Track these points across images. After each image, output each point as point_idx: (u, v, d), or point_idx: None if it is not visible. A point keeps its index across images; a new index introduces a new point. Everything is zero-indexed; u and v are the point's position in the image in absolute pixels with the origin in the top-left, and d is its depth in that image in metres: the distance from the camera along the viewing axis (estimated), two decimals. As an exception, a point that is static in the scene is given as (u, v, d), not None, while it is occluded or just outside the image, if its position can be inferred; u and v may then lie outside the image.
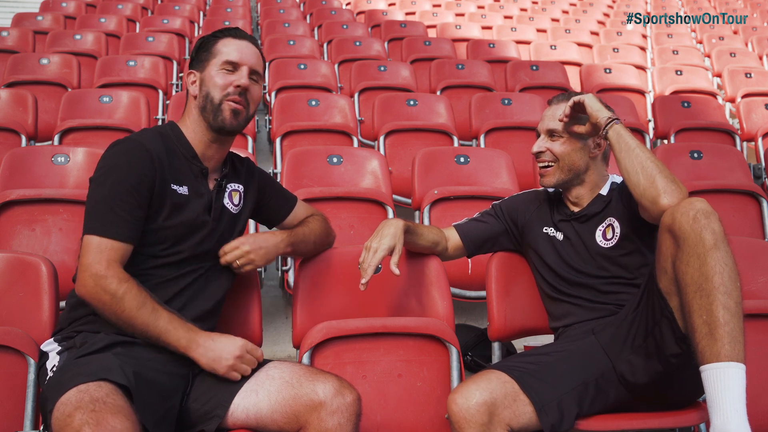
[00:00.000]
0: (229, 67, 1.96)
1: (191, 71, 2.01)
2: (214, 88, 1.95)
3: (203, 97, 1.97)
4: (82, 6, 8.21)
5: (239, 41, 2.00)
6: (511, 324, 2.35)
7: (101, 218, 1.80)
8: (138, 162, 1.85)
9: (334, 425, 1.72)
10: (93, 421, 1.46)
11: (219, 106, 1.95)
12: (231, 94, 1.95)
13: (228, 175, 2.06)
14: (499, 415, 1.84)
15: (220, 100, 1.95)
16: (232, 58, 1.96)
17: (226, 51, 1.98)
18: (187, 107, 2.03)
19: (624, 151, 2.03)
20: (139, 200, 1.83)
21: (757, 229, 3.43)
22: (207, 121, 1.96)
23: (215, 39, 2.01)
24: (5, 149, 3.49)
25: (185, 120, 2.02)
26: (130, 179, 1.82)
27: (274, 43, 6.60)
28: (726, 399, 1.64)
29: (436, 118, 4.72)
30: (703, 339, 1.69)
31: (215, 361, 1.79)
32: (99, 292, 1.76)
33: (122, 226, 1.80)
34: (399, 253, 2.10)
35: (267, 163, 4.79)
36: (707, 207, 1.79)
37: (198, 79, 1.99)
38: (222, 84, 1.95)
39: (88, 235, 1.81)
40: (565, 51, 7.26)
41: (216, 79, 1.95)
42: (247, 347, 1.82)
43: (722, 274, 1.71)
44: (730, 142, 4.70)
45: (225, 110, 1.95)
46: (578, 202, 2.28)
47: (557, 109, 2.25)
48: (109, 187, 1.82)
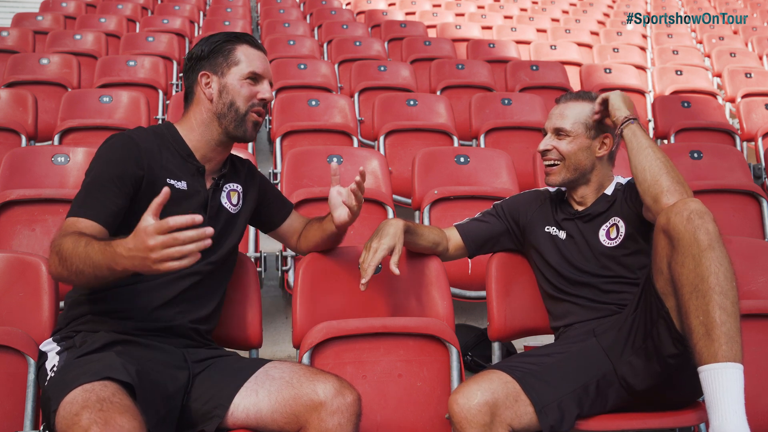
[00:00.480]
0: (253, 79, 1.97)
1: (205, 73, 1.98)
2: (239, 98, 1.96)
3: (225, 105, 1.96)
4: (82, 6, 8.21)
5: (258, 52, 2.01)
6: (511, 324, 2.35)
7: (78, 202, 1.80)
8: (125, 155, 1.85)
9: (334, 425, 1.72)
10: (101, 420, 1.46)
11: (244, 116, 1.97)
12: (256, 105, 1.98)
13: (227, 175, 2.05)
14: (500, 416, 1.85)
15: (246, 111, 1.97)
16: (257, 70, 1.98)
17: (249, 61, 1.97)
18: (192, 109, 2.01)
19: (636, 149, 2.05)
20: (121, 190, 1.80)
21: (757, 229, 3.43)
22: (224, 127, 1.97)
23: (232, 44, 1.99)
24: (5, 149, 3.49)
25: (189, 120, 2.00)
26: (114, 170, 1.82)
27: (274, 43, 6.60)
28: (724, 400, 1.64)
29: (436, 118, 4.72)
30: (700, 340, 1.69)
31: (135, 266, 1.48)
32: (50, 258, 1.67)
33: (94, 208, 1.77)
34: (399, 253, 2.10)
35: (267, 163, 4.79)
36: (701, 207, 1.79)
37: (218, 85, 1.97)
38: (247, 95, 1.96)
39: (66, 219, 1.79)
40: (565, 51, 7.26)
41: (242, 90, 1.96)
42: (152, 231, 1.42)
43: (717, 275, 1.71)
44: (730, 142, 4.70)
45: (248, 122, 1.98)
46: (583, 201, 2.28)
47: (565, 107, 2.26)
48: (92, 176, 1.83)
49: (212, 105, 1.97)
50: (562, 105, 2.28)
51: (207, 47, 2.01)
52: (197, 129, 1.99)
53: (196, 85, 2.00)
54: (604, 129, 2.24)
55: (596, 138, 2.24)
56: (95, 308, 1.85)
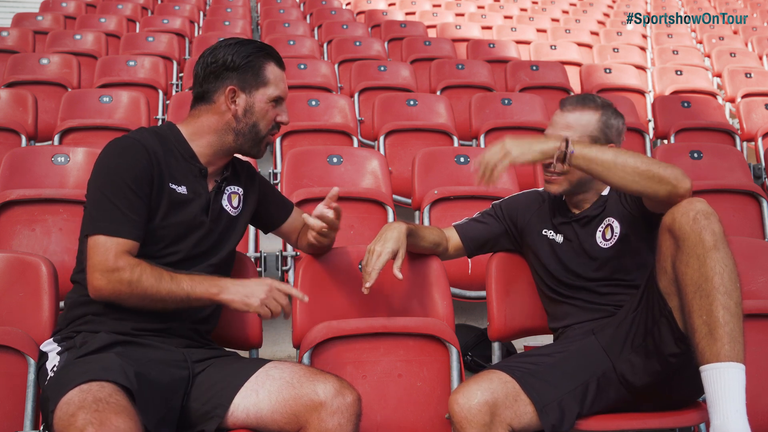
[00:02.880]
0: (276, 101, 1.98)
1: (234, 88, 1.93)
2: (262, 122, 1.97)
3: (248, 125, 1.96)
4: (82, 6, 8.20)
5: (283, 73, 2.01)
6: (511, 324, 2.35)
7: (106, 217, 1.80)
8: (135, 159, 1.84)
9: (334, 425, 1.72)
10: (96, 420, 1.46)
11: (262, 139, 1.99)
12: (274, 128, 2.00)
13: (228, 178, 2.05)
14: (500, 415, 1.85)
15: (265, 134, 1.99)
16: (282, 95, 1.99)
17: (276, 83, 1.97)
18: (208, 113, 1.96)
19: (603, 169, 1.90)
20: (140, 197, 1.82)
21: (757, 229, 3.43)
22: (240, 144, 1.97)
23: (262, 62, 1.96)
24: (5, 149, 3.49)
25: (198, 123, 1.97)
26: (130, 176, 1.82)
27: (274, 43, 6.58)
28: (726, 399, 1.64)
29: (436, 118, 4.72)
30: (702, 339, 1.69)
31: (247, 296, 1.80)
32: (115, 286, 1.77)
33: (128, 224, 1.80)
34: (402, 257, 2.09)
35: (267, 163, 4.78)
36: (707, 208, 1.79)
37: (244, 103, 1.95)
38: (270, 119, 1.98)
39: (94, 235, 1.80)
40: (565, 51, 7.25)
41: (268, 113, 1.97)
42: (275, 284, 1.84)
43: (722, 275, 1.71)
44: (730, 142, 4.70)
45: (264, 144, 2.00)
46: (580, 205, 2.26)
47: (571, 117, 2.19)
48: (111, 186, 1.81)
49: (233, 120, 1.95)
50: (568, 113, 2.20)
51: (239, 59, 1.94)
52: (207, 135, 1.96)
53: (219, 94, 1.95)
54: (609, 140, 2.18)
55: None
56: (95, 309, 1.85)
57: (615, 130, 2.21)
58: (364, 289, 2.04)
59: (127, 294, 1.78)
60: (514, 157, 1.93)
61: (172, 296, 1.79)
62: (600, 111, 2.20)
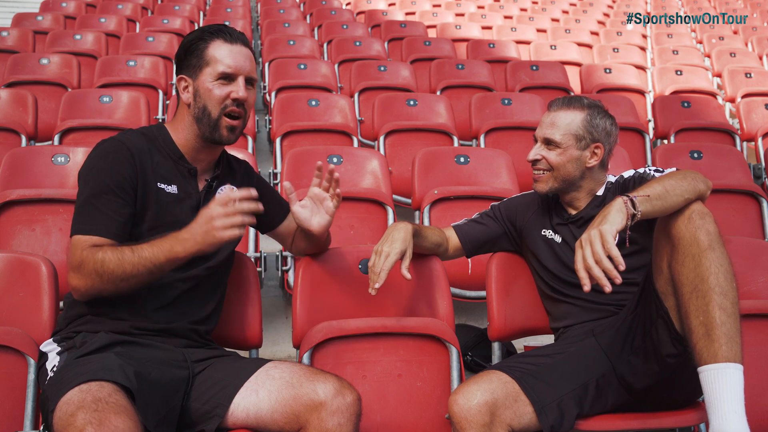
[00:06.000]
0: (225, 78, 1.91)
1: (182, 77, 1.94)
2: (210, 102, 1.90)
3: (199, 109, 1.92)
4: (82, 6, 8.21)
5: (231, 45, 1.93)
6: (511, 324, 2.35)
7: (85, 219, 1.80)
8: (118, 161, 1.85)
9: (334, 425, 1.72)
10: (96, 420, 1.46)
11: (217, 122, 1.91)
12: (228, 107, 1.91)
13: (220, 176, 2.04)
14: (500, 416, 1.85)
15: (219, 115, 1.91)
16: (228, 70, 1.90)
17: (219, 59, 1.90)
18: (179, 111, 1.99)
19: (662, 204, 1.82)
20: (124, 199, 1.82)
21: (757, 229, 3.43)
22: (202, 132, 1.93)
23: (204, 42, 1.92)
24: (5, 149, 3.49)
25: (176, 123, 1.98)
26: (112, 178, 1.82)
27: (274, 43, 6.59)
28: (724, 400, 1.64)
29: (436, 118, 4.72)
30: (700, 340, 1.69)
31: (203, 235, 1.72)
32: (86, 280, 1.75)
33: (104, 223, 1.79)
34: (410, 258, 2.08)
35: (267, 163, 4.79)
36: (702, 208, 1.80)
37: (192, 88, 1.93)
38: (219, 97, 1.90)
39: (72, 236, 1.80)
40: (565, 51, 7.25)
41: (213, 92, 1.90)
42: (212, 210, 1.71)
43: (717, 275, 1.72)
44: (730, 142, 4.70)
45: (222, 127, 1.91)
46: (575, 205, 2.27)
47: (556, 116, 2.23)
48: (91, 188, 1.82)
49: (190, 109, 1.94)
50: (553, 113, 2.24)
51: (182, 48, 1.96)
52: (182, 131, 1.97)
53: (180, 89, 1.96)
54: (595, 139, 2.21)
55: (587, 149, 2.21)
56: (95, 309, 1.85)
57: (602, 130, 2.22)
58: (371, 290, 2.03)
59: (100, 283, 1.75)
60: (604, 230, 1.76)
61: (138, 269, 1.73)
62: (585, 111, 2.23)
